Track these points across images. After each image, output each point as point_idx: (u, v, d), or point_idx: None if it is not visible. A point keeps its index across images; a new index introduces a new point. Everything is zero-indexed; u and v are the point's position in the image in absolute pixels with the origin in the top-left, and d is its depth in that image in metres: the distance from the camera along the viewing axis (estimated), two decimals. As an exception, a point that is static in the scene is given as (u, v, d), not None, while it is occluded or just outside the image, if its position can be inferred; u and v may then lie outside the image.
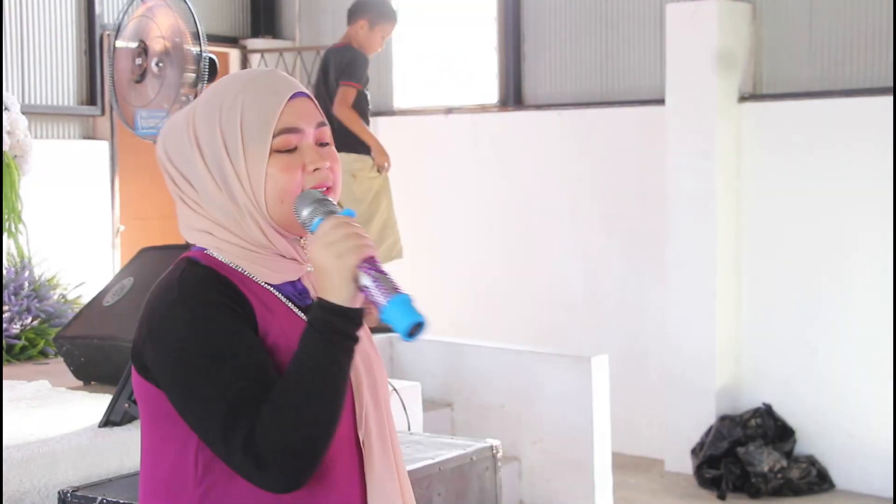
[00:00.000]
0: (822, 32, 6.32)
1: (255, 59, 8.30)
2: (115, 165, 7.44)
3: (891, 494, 5.96)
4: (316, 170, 1.71)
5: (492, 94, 7.66)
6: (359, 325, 1.64)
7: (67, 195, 7.01)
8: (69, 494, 2.69)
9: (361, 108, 5.76)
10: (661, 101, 6.68)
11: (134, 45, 4.37)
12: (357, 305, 1.63)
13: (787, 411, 6.33)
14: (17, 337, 4.29)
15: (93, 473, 2.86)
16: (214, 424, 1.59)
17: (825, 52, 6.32)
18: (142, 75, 4.34)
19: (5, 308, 4.36)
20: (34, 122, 6.74)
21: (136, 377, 1.72)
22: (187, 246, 1.78)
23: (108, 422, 3.00)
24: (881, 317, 6.02)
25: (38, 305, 4.46)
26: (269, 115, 1.69)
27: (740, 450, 6.15)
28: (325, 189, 1.72)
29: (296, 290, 1.76)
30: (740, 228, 6.53)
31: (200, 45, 4.29)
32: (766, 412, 6.31)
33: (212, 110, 1.71)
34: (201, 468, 1.66)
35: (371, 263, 1.64)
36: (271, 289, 1.72)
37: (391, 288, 1.63)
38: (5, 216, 4.72)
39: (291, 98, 1.71)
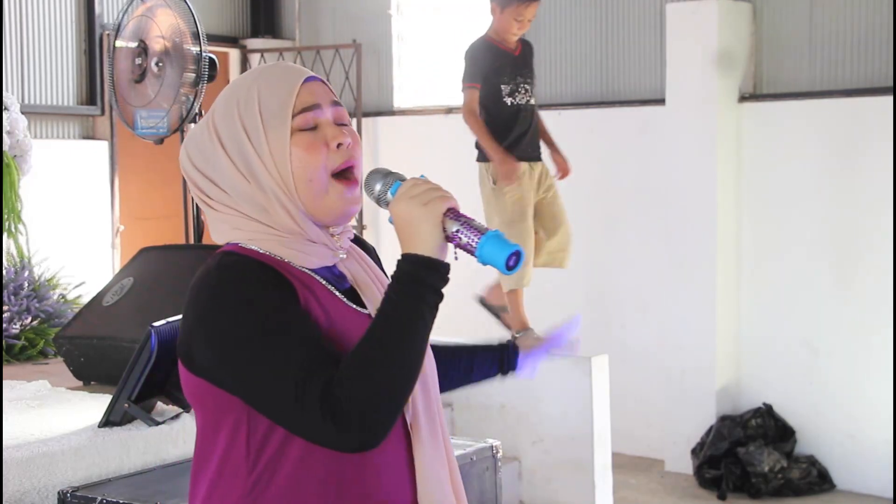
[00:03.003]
0: (822, 32, 6.32)
1: (255, 59, 8.30)
2: (114, 165, 7.43)
3: (891, 494, 5.96)
4: (339, 145, 1.73)
5: (492, 94, 7.65)
6: (445, 280, 1.63)
7: (67, 195, 7.01)
8: (69, 494, 2.68)
9: (487, 109, 5.02)
10: (661, 101, 6.67)
11: (134, 44, 4.37)
12: (444, 258, 1.64)
13: (787, 411, 6.33)
14: (17, 337, 4.29)
15: (93, 473, 2.87)
16: (286, 389, 1.57)
17: (825, 52, 6.32)
18: (142, 75, 4.34)
19: (5, 308, 4.36)
20: (34, 122, 6.74)
21: (183, 373, 1.72)
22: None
23: (107, 422, 3.00)
24: (881, 317, 6.02)
25: (37, 305, 4.46)
26: (286, 96, 1.71)
27: (741, 450, 6.15)
28: (350, 166, 1.73)
29: (333, 275, 1.76)
30: (740, 228, 6.53)
31: (200, 44, 4.30)
32: (767, 412, 6.31)
33: (229, 105, 1.74)
34: (252, 457, 1.66)
35: (455, 212, 1.65)
36: (310, 272, 1.72)
37: (481, 227, 1.63)
38: (5, 216, 4.72)
39: (305, 81, 1.74)
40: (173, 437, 3.03)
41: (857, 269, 6.14)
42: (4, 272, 4.52)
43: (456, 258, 1.67)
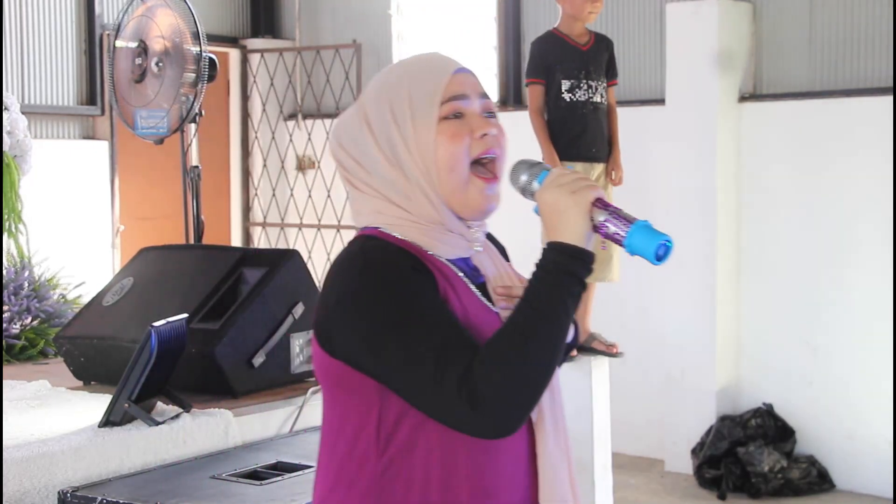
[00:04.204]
0: (822, 32, 6.32)
1: (255, 59, 8.30)
2: (114, 165, 7.44)
3: (891, 495, 5.96)
4: (483, 135, 1.74)
5: (492, 94, 7.64)
6: (589, 269, 1.63)
7: (67, 195, 7.01)
8: (69, 494, 2.68)
9: (547, 104, 4.83)
10: (661, 101, 6.67)
11: (134, 45, 4.37)
12: (589, 248, 1.64)
13: (787, 411, 6.33)
14: (17, 337, 4.28)
15: (93, 473, 2.86)
16: (426, 371, 1.57)
17: (825, 52, 6.32)
18: (142, 75, 4.34)
19: (5, 308, 4.35)
20: (34, 122, 6.74)
21: (317, 353, 1.72)
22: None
23: (107, 422, 3.00)
24: (881, 317, 6.02)
25: (38, 305, 4.46)
26: (435, 85, 1.73)
27: (740, 450, 6.15)
28: (492, 157, 1.75)
29: (469, 268, 1.77)
30: (740, 228, 6.53)
31: (200, 44, 4.29)
32: (767, 412, 6.31)
33: (380, 91, 1.76)
34: (383, 441, 1.66)
35: (603, 202, 1.65)
36: (448, 263, 1.73)
37: (629, 217, 1.63)
38: (5, 216, 4.72)
39: (456, 72, 1.76)
40: (173, 437, 3.03)
41: (856, 268, 6.14)
42: (4, 272, 4.51)
43: (604, 247, 1.68)
